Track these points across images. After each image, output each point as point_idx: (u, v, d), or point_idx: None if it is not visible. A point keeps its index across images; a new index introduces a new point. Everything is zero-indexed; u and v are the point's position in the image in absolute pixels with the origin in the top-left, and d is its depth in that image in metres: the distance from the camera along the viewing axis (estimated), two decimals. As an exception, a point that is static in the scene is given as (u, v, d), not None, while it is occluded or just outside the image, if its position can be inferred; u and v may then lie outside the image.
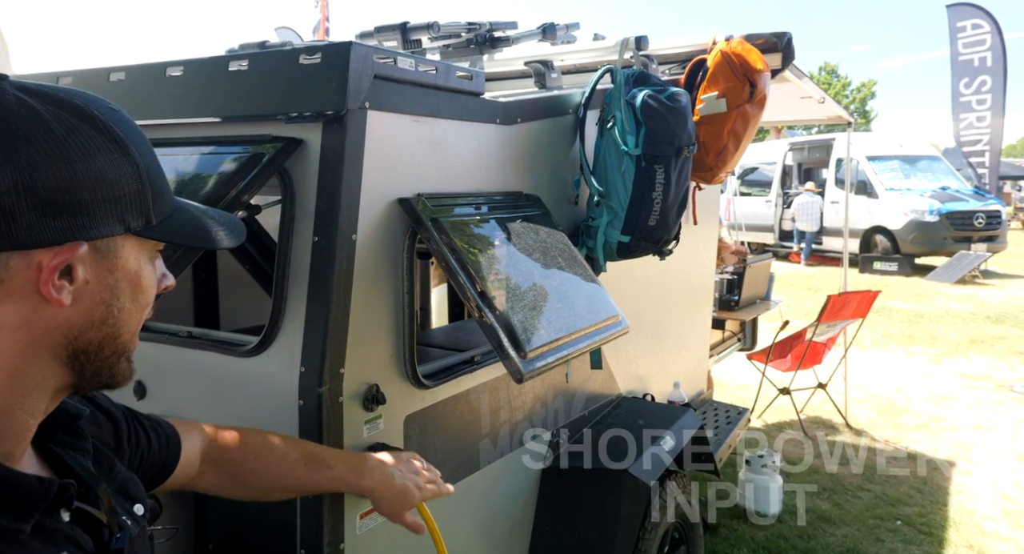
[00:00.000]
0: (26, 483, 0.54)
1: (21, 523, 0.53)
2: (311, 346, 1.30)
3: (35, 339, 0.55)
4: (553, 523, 1.96)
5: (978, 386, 5.75)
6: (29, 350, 0.55)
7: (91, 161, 0.54)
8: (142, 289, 0.61)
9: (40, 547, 0.55)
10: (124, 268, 0.59)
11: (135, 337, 0.62)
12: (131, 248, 0.59)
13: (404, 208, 1.44)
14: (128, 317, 0.60)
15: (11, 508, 0.53)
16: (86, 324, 0.57)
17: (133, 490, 0.72)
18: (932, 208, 12.01)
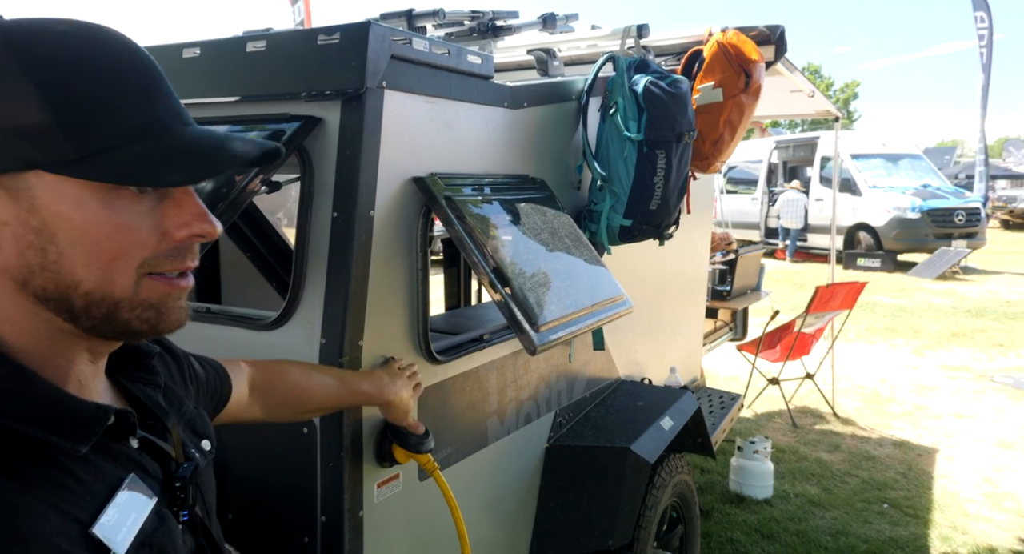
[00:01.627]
0: (83, 408, 0.56)
1: (78, 444, 0.55)
2: (331, 319, 1.33)
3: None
4: (557, 499, 2.01)
5: (959, 376, 5.89)
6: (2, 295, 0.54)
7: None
8: (84, 232, 0.53)
9: (109, 468, 0.58)
10: (51, 209, 0.53)
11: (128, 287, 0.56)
12: (56, 187, 0.53)
13: (419, 186, 1.47)
14: (75, 262, 0.54)
15: (69, 430, 0.55)
16: (26, 268, 0.54)
17: (200, 426, 0.75)
18: (914, 205, 12.22)
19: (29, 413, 0.53)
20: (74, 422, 0.55)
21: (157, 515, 0.61)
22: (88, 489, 0.55)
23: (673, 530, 2.44)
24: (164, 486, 0.65)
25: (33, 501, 0.50)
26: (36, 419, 0.53)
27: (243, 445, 1.38)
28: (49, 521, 0.50)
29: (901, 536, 3.20)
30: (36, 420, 0.53)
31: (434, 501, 1.55)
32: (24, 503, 0.50)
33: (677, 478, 2.35)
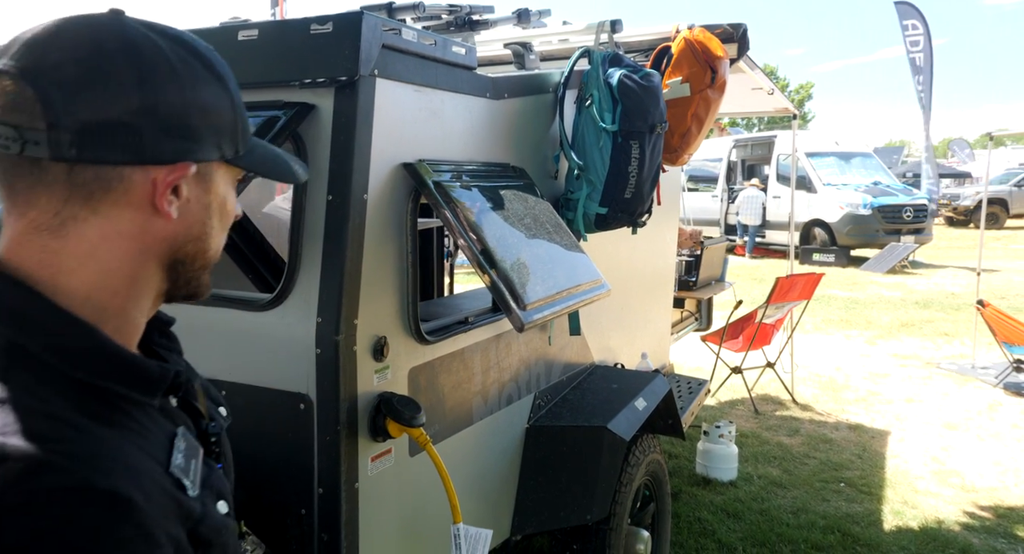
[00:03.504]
0: (151, 366, 0.63)
1: (152, 397, 0.62)
2: (327, 298, 1.38)
3: (147, 247, 0.62)
4: (537, 477, 2.08)
5: (909, 364, 6.18)
6: (141, 256, 0.62)
7: (200, 91, 0.61)
8: (227, 212, 0.68)
9: (163, 421, 0.64)
10: (217, 191, 0.66)
11: (218, 253, 0.70)
12: (223, 174, 0.66)
13: (408, 172, 1.53)
14: (216, 235, 0.67)
15: (142, 386, 0.61)
16: (186, 238, 0.64)
17: (214, 395, 0.80)
18: (865, 202, 12.70)
19: (107, 371, 0.59)
20: (144, 379, 0.61)
21: (206, 463, 0.67)
22: (154, 435, 0.60)
23: (646, 507, 2.55)
24: (199, 441, 0.70)
25: (124, 442, 0.56)
26: (114, 376, 0.59)
27: (241, 421, 1.42)
28: (141, 458, 0.56)
29: (857, 512, 3.38)
30: (114, 377, 0.59)
31: (423, 476, 1.61)
32: (118, 442, 0.55)
33: (650, 457, 2.45)
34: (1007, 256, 13.19)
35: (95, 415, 0.55)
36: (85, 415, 0.54)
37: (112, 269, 0.61)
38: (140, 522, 0.50)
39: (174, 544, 0.53)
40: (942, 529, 3.20)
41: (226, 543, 0.62)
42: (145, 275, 0.63)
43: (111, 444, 0.54)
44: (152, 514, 0.51)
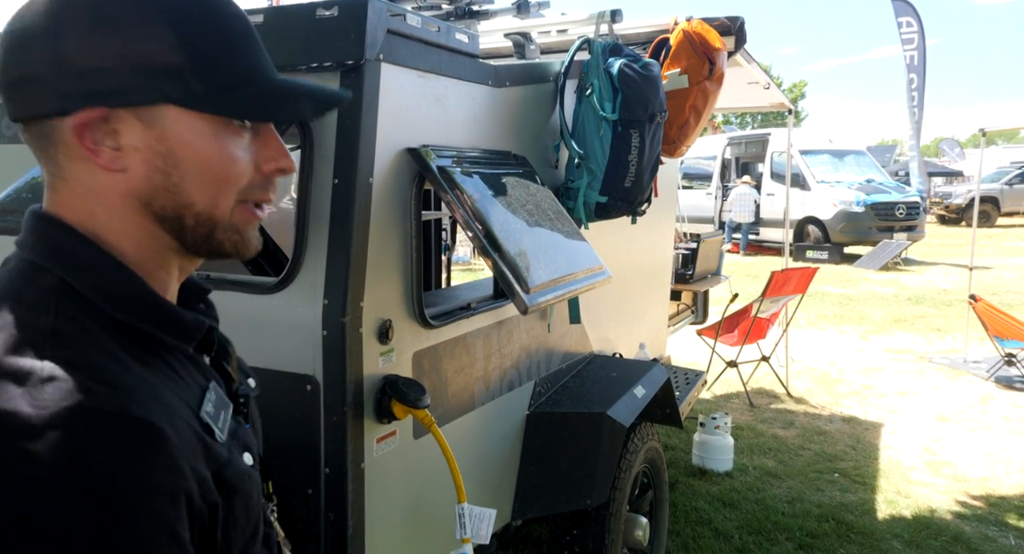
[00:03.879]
0: (187, 316, 0.65)
1: (187, 343, 0.64)
2: (334, 281, 1.39)
3: (117, 203, 0.61)
4: (538, 463, 2.10)
5: (902, 358, 6.24)
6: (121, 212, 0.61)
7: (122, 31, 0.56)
8: (203, 160, 0.61)
9: (197, 375, 0.66)
10: (178, 139, 0.60)
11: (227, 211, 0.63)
12: (184, 120, 0.59)
13: (413, 157, 1.54)
14: (196, 188, 0.61)
15: (177, 332, 0.63)
16: (151, 189, 0.60)
17: (244, 366, 0.82)
18: (859, 200, 12.78)
19: (147, 315, 0.61)
20: (180, 326, 0.63)
21: (235, 419, 0.69)
22: (187, 383, 0.63)
23: (644, 495, 2.57)
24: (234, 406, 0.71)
25: (163, 385, 0.58)
26: (154, 320, 0.61)
27: (246, 403, 1.43)
28: (173, 399, 0.58)
29: (851, 501, 3.42)
30: (154, 321, 0.61)
31: (428, 459, 1.63)
32: (154, 380, 0.57)
33: (648, 445, 2.48)
34: (999, 253, 13.30)
35: (134, 354, 0.58)
36: (126, 353, 0.57)
37: (112, 223, 0.61)
38: (169, 452, 0.52)
39: (198, 480, 0.55)
40: (935, 517, 3.24)
41: (249, 492, 0.64)
42: (138, 232, 0.62)
43: (148, 380, 0.56)
44: (180, 448, 0.54)
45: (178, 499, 0.53)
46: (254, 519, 0.66)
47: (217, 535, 0.59)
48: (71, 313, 0.56)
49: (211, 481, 0.57)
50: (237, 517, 0.62)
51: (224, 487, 0.59)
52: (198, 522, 0.56)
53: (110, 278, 0.60)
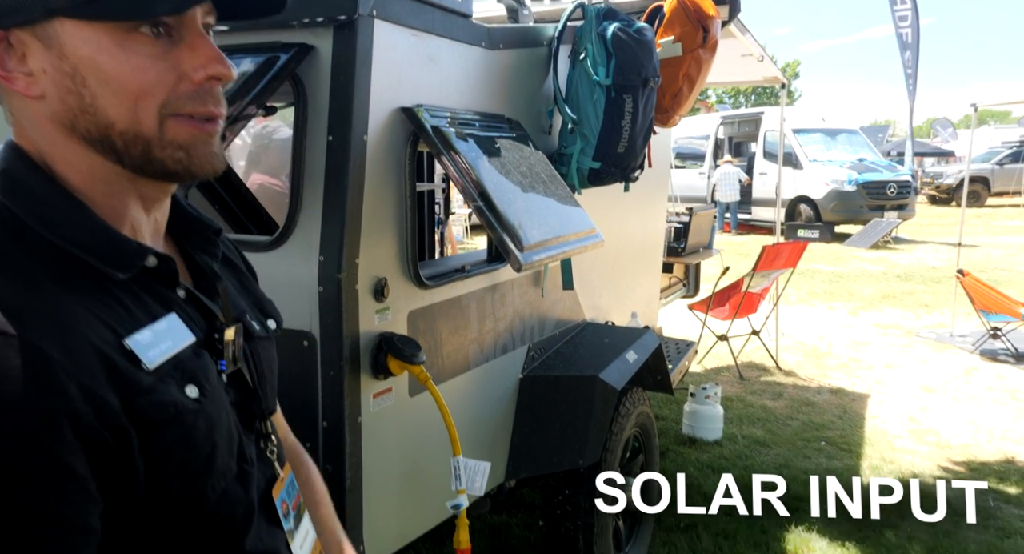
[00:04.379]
0: (127, 244, 0.63)
1: (118, 271, 0.61)
2: (329, 237, 1.40)
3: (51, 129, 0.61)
4: (531, 424, 2.14)
5: (890, 333, 6.33)
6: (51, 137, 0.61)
7: None
8: (108, 73, 0.59)
9: (153, 305, 0.64)
10: (76, 54, 0.58)
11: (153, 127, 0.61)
12: (77, 33, 0.58)
13: (407, 116, 1.55)
14: (110, 104, 0.60)
15: (113, 259, 0.62)
16: (69, 112, 0.60)
17: (269, 308, 0.82)
18: (850, 178, 12.82)
19: (82, 241, 0.60)
20: (118, 253, 0.62)
21: (194, 352, 0.66)
22: (129, 313, 0.61)
23: (635, 458, 2.62)
24: (208, 342, 0.69)
25: (77, 305, 0.57)
26: (87, 247, 0.60)
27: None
28: (88, 322, 0.57)
29: (837, 467, 3.49)
30: (87, 247, 0.60)
31: (424, 416, 1.66)
32: (68, 304, 0.57)
33: (639, 409, 2.52)
34: (988, 232, 13.41)
35: (57, 276, 0.57)
36: (48, 274, 0.57)
37: (54, 152, 0.61)
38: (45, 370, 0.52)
39: (93, 404, 0.54)
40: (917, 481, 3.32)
41: (189, 424, 0.61)
42: (79, 159, 0.62)
43: (56, 303, 0.56)
44: (68, 368, 0.53)
45: (55, 418, 0.52)
46: (202, 454, 0.63)
47: (135, 462, 0.57)
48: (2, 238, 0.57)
49: (118, 407, 0.56)
50: (168, 449, 0.59)
51: (137, 417, 0.57)
52: (99, 446, 0.55)
53: (49, 204, 0.60)
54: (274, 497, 0.75)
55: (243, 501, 0.69)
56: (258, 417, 0.76)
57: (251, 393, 0.75)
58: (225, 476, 0.66)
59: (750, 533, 2.82)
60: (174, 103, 0.62)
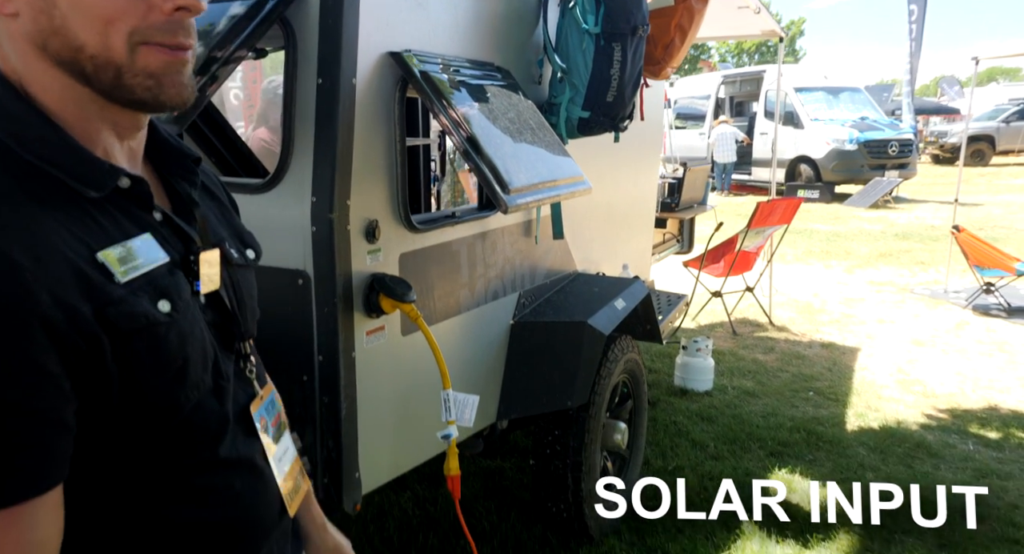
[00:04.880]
0: (99, 164, 0.66)
1: (90, 189, 0.65)
2: (320, 178, 1.45)
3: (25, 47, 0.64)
4: (522, 368, 2.22)
5: (884, 290, 6.39)
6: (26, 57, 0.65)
7: None
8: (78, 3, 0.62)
9: (128, 225, 0.68)
10: None
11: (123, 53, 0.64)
12: None
13: (396, 61, 1.58)
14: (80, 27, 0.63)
15: (85, 178, 0.65)
16: (40, 32, 0.63)
17: (249, 239, 0.86)
18: (852, 137, 12.72)
19: (56, 159, 0.64)
20: (90, 172, 0.66)
21: (168, 270, 0.69)
22: (103, 229, 0.65)
23: (624, 403, 2.71)
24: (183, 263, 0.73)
25: (51, 220, 0.61)
26: (61, 165, 0.64)
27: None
28: (61, 236, 0.61)
29: (823, 415, 3.60)
30: (61, 166, 0.64)
31: (416, 354, 1.73)
32: (42, 218, 0.60)
33: (628, 356, 2.60)
34: (990, 190, 13.37)
35: (31, 192, 0.61)
36: (24, 191, 0.61)
37: (29, 72, 0.65)
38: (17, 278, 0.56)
39: (65, 311, 0.59)
40: (900, 428, 3.43)
41: (160, 336, 0.66)
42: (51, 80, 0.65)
43: (26, 215, 0.60)
44: (34, 273, 0.57)
45: (26, 319, 0.56)
46: (174, 365, 0.67)
47: (108, 366, 0.62)
48: None
49: (89, 315, 0.60)
50: (139, 356, 0.64)
51: (107, 323, 0.62)
52: (71, 349, 0.59)
53: (25, 123, 0.64)
54: (252, 412, 0.81)
55: (217, 413, 0.74)
56: (237, 338, 0.80)
57: (230, 316, 0.79)
58: (199, 388, 0.71)
59: (734, 475, 2.93)
60: (144, 32, 0.65)
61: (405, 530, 2.52)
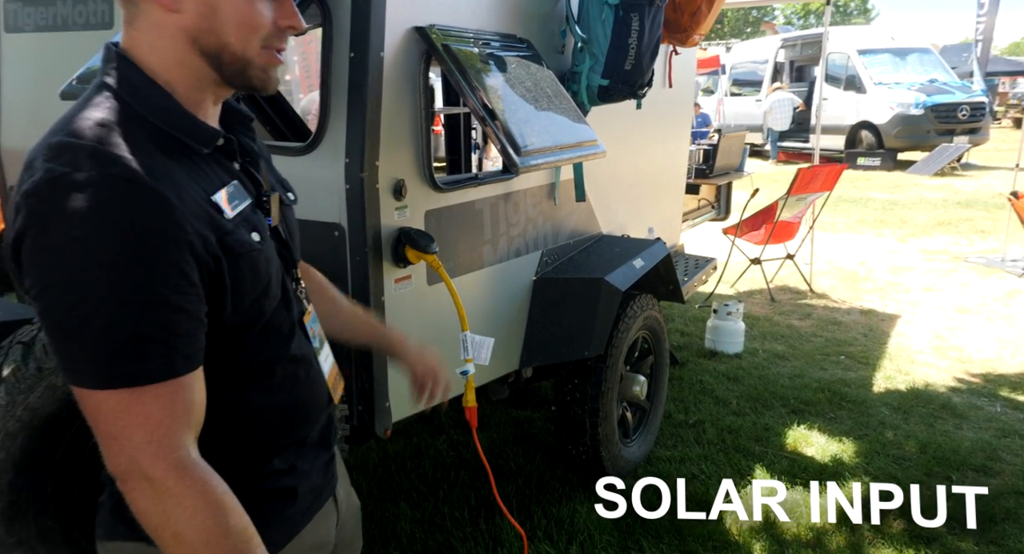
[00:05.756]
0: (206, 127, 0.88)
1: (203, 146, 0.87)
2: (353, 142, 1.65)
3: (173, 36, 0.83)
4: (543, 320, 2.40)
5: (936, 258, 6.24)
6: (175, 43, 0.84)
7: None
8: (239, 13, 0.84)
9: (222, 174, 0.89)
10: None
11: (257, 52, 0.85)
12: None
13: (420, 35, 1.75)
14: (231, 30, 0.83)
15: (196, 138, 0.86)
16: (199, 30, 0.83)
17: (287, 185, 1.08)
18: (918, 101, 12.15)
19: (177, 124, 0.84)
20: (202, 134, 0.88)
21: (252, 209, 0.93)
22: (209, 177, 0.86)
23: (645, 358, 2.87)
24: (258, 203, 0.96)
25: (180, 169, 0.82)
26: (180, 128, 0.84)
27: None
28: (188, 183, 0.81)
29: (850, 377, 3.65)
30: (180, 129, 0.84)
31: (440, 303, 1.93)
32: (174, 168, 0.81)
33: (647, 313, 2.74)
34: (1068, 158, 12.56)
35: (162, 149, 0.82)
36: (156, 147, 0.81)
37: (164, 54, 0.85)
38: (169, 210, 0.76)
39: (200, 237, 0.78)
40: (927, 390, 3.46)
41: (255, 259, 0.86)
42: (187, 63, 0.86)
43: (165, 166, 0.80)
44: (182, 211, 0.77)
45: (182, 242, 0.75)
46: (263, 280, 0.88)
47: (225, 281, 0.82)
48: (122, 118, 0.80)
49: (214, 241, 0.80)
50: (244, 273, 0.84)
51: (226, 248, 0.81)
52: (205, 267, 0.78)
53: (153, 96, 0.84)
54: (305, 322, 1.04)
55: (287, 319, 0.97)
56: (291, 264, 1.03)
57: (285, 244, 1.02)
58: (275, 299, 0.94)
59: (753, 429, 3.06)
60: (268, 39, 0.88)
61: (439, 468, 2.77)
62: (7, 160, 2.44)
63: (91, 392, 0.75)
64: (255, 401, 0.92)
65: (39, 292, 0.75)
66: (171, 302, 0.76)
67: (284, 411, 0.96)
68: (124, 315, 0.74)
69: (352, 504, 1.17)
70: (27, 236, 0.74)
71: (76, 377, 0.75)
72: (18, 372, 1.40)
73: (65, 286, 0.73)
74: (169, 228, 0.76)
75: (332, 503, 1.07)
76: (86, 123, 0.78)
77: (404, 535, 2.35)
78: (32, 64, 2.35)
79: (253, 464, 0.93)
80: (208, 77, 0.88)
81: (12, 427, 1.39)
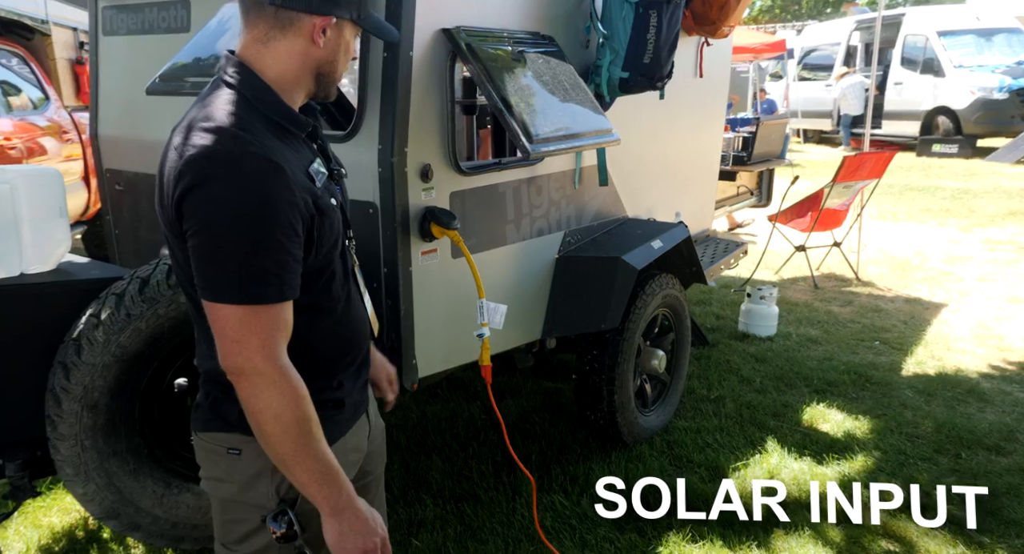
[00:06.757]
0: (300, 117, 1.16)
1: (300, 130, 1.15)
2: (385, 131, 1.91)
3: (306, 62, 1.13)
4: (564, 295, 2.62)
5: (999, 249, 6.04)
6: (303, 66, 1.13)
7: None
8: (348, 52, 1.17)
9: (307, 151, 1.16)
10: (345, 37, 1.15)
11: (341, 76, 1.19)
12: (350, 28, 1.15)
13: (447, 36, 1.99)
14: (341, 64, 1.17)
15: (295, 124, 1.14)
16: (325, 62, 1.14)
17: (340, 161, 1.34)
18: (1002, 85, 11.47)
19: (281, 113, 1.12)
20: (299, 122, 1.15)
21: (328, 180, 1.18)
22: (302, 154, 1.14)
23: (666, 334, 3.04)
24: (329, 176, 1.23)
25: (284, 146, 1.09)
26: (283, 116, 1.13)
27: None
28: (294, 159, 1.10)
29: (880, 362, 3.69)
30: (283, 117, 1.13)
31: (462, 275, 2.17)
32: (281, 145, 1.09)
33: (667, 292, 2.91)
34: None
35: (274, 133, 1.10)
36: (269, 131, 1.09)
37: (289, 69, 1.13)
38: (287, 179, 1.04)
39: (303, 199, 1.06)
40: (957, 375, 3.47)
41: (332, 218, 1.14)
42: (303, 77, 1.15)
43: (278, 145, 1.09)
44: (295, 179, 1.05)
45: (294, 203, 1.03)
46: (335, 235, 1.15)
47: (314, 234, 1.09)
48: (245, 110, 1.08)
49: (311, 202, 1.08)
50: (325, 229, 1.12)
51: (317, 209, 1.09)
52: (306, 222, 1.06)
53: (266, 95, 1.12)
54: (356, 271, 1.31)
55: (346, 267, 1.25)
56: (346, 225, 1.29)
57: (342, 209, 1.29)
58: (339, 250, 1.21)
59: (772, 406, 3.18)
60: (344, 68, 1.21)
61: (471, 429, 3.04)
62: (104, 147, 2.85)
63: (224, 306, 1.02)
64: (322, 328, 1.20)
65: (196, 232, 1.01)
66: (285, 247, 1.04)
67: (340, 338, 1.24)
68: (255, 253, 1.01)
69: (379, 424, 1.44)
70: (191, 193, 1.01)
71: (216, 294, 1.02)
72: (113, 317, 1.75)
73: (216, 230, 1.01)
74: (286, 193, 1.03)
75: (365, 418, 1.34)
76: (224, 112, 1.07)
77: (435, 483, 2.63)
78: (124, 63, 2.74)
79: (316, 377, 1.19)
80: (307, 88, 1.18)
81: (108, 360, 1.74)
